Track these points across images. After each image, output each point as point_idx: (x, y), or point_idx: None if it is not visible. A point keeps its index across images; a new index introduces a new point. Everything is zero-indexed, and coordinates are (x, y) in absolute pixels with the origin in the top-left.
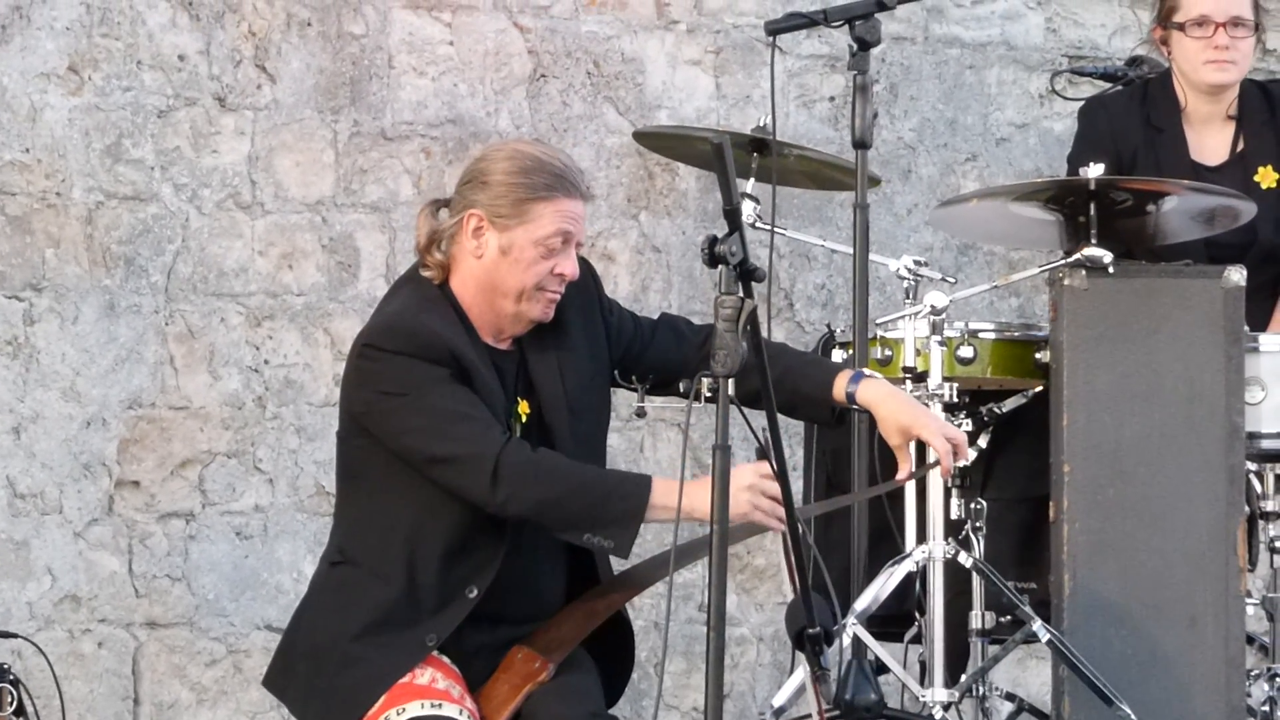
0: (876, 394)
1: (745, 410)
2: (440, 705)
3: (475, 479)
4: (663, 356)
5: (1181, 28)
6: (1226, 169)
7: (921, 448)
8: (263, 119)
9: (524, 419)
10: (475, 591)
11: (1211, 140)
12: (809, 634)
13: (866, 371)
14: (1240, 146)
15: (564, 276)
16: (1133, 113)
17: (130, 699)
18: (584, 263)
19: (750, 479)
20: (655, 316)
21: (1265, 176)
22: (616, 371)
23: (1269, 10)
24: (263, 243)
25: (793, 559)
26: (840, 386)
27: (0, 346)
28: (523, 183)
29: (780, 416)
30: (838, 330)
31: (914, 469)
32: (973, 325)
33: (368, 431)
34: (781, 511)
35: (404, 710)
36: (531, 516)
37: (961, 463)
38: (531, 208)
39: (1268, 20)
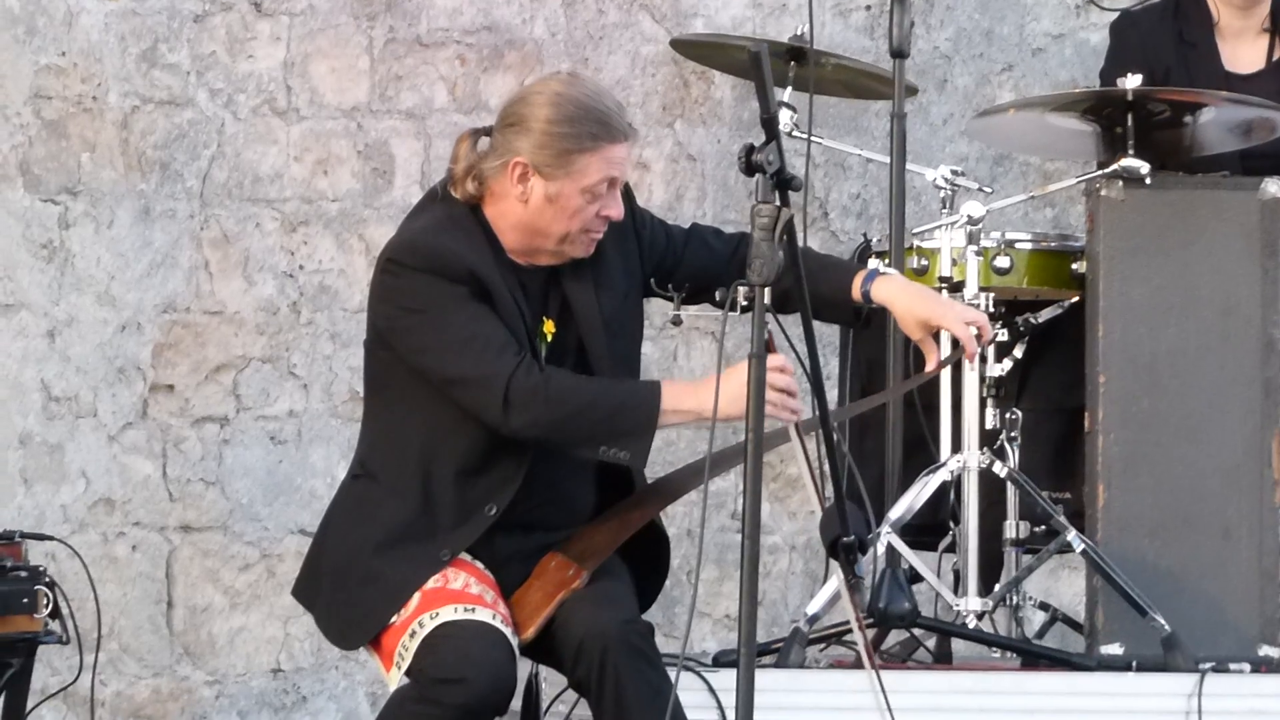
0: (891, 290)
1: (777, 313)
2: (473, 610)
3: (486, 402)
4: (695, 268)
5: None
6: (1262, 78)
7: (953, 342)
8: (298, 24)
9: (549, 338)
10: (495, 509)
11: (1245, 51)
12: (843, 543)
13: (882, 269)
14: (1277, 55)
15: (609, 218)
16: (1165, 28)
17: (164, 602)
18: None
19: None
20: (687, 226)
21: None
22: (652, 281)
23: None
24: (298, 149)
25: (815, 470)
26: (856, 285)
27: (36, 250)
28: (568, 133)
29: (819, 327)
30: (873, 240)
31: (940, 359)
32: (1009, 235)
33: (391, 345)
34: (793, 403)
35: (437, 614)
36: (544, 438)
37: (988, 339)
38: (578, 159)
39: None
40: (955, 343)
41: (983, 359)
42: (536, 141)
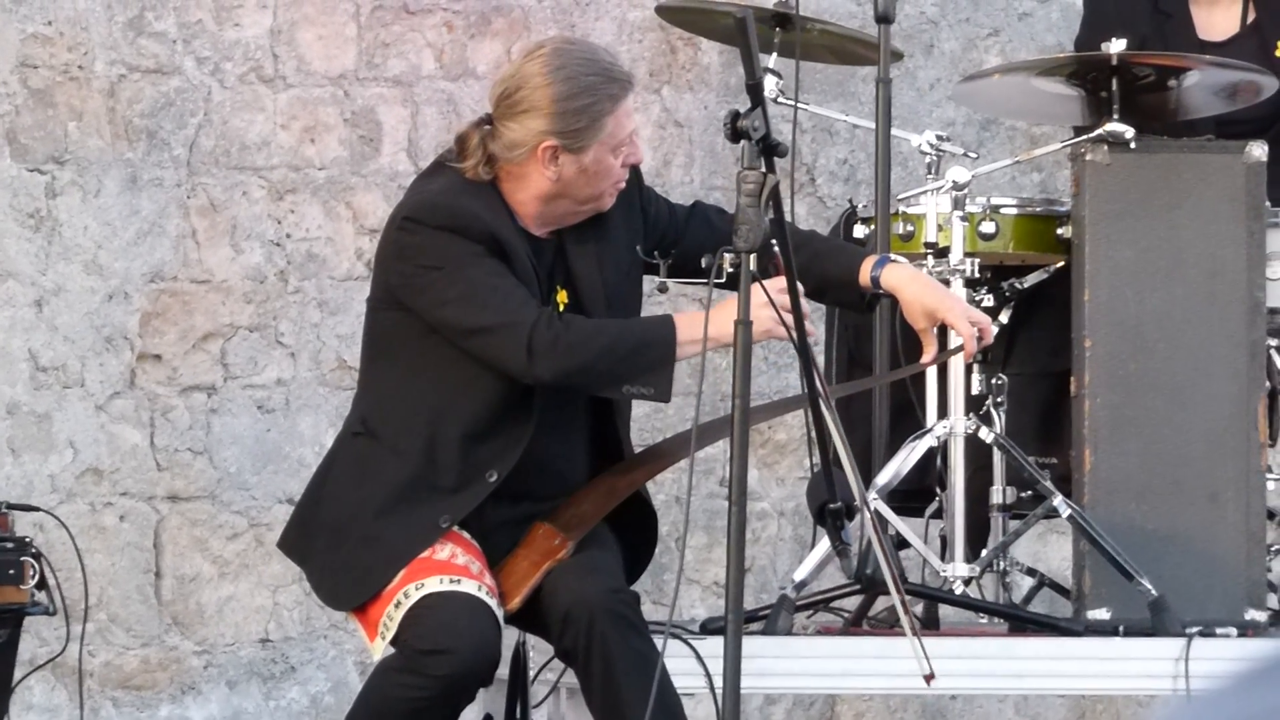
0: (901, 278)
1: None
2: (459, 581)
3: (511, 351)
4: (695, 245)
5: None
6: (1238, 42)
7: (945, 330)
8: None
9: (562, 307)
10: (495, 476)
11: (1219, 17)
12: (830, 509)
13: (891, 256)
14: (1251, 17)
15: (634, 165)
16: None
17: (152, 572)
18: None
19: (768, 296)
20: (679, 196)
21: None
22: (638, 249)
23: None
24: (285, 116)
25: (828, 432)
26: (865, 271)
27: (23, 219)
28: (587, 104)
29: (806, 300)
30: (859, 205)
31: (938, 352)
32: (995, 200)
33: (402, 305)
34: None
35: (422, 585)
36: (567, 384)
37: (988, 341)
38: (604, 123)
39: None
40: (944, 339)
41: None
42: (558, 121)
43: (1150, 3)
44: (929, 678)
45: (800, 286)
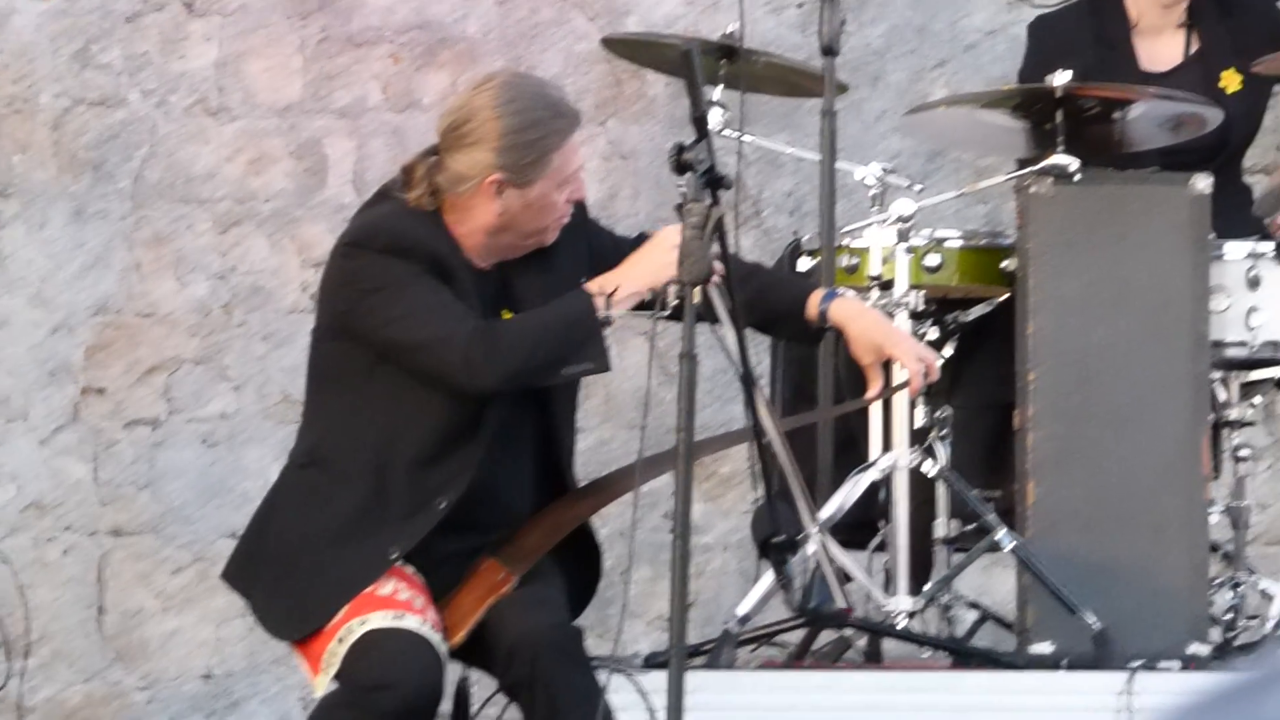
0: (849, 312)
1: (713, 321)
2: (402, 616)
3: (450, 365)
4: None
5: None
6: (1181, 72)
7: (890, 364)
8: (231, 24)
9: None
10: (445, 503)
11: (1163, 47)
12: (774, 543)
13: (839, 290)
14: (1194, 48)
15: (577, 200)
16: (1082, 29)
17: (95, 607)
18: None
19: (676, 237)
20: (625, 227)
21: (1229, 80)
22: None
23: None
24: (230, 149)
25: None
26: (813, 304)
27: None
28: (535, 138)
29: (752, 332)
30: (804, 238)
31: (883, 388)
32: (939, 233)
33: (348, 332)
34: (715, 264)
35: (366, 620)
36: (511, 387)
37: (933, 379)
38: (551, 159)
39: None
40: (889, 375)
41: None
42: (506, 155)
43: (1093, 33)
44: (848, 611)
45: (745, 319)
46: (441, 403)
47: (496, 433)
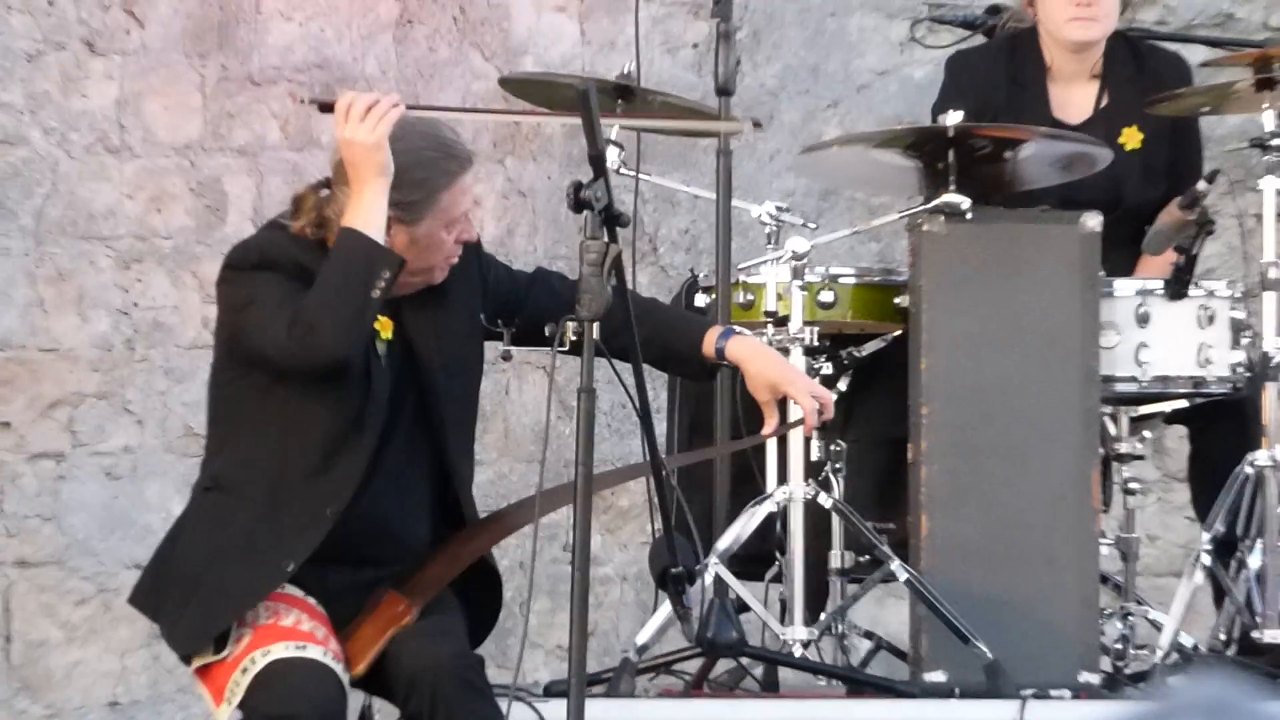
0: (746, 350)
1: (611, 357)
2: (305, 647)
3: (289, 353)
4: (538, 312)
5: None
6: (1088, 126)
7: (786, 401)
8: (131, 63)
9: (388, 337)
10: (332, 509)
11: (1075, 97)
12: (672, 573)
13: (736, 328)
14: (1104, 103)
15: (466, 241)
16: (997, 68)
17: (2, 638)
18: None
19: (359, 104)
20: (524, 264)
21: (1129, 138)
22: (482, 317)
23: None
24: (131, 186)
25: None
26: (710, 342)
27: None
28: (424, 177)
29: (649, 368)
30: (701, 274)
31: (779, 424)
32: (833, 270)
33: (235, 357)
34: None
35: (269, 651)
36: (346, 343)
37: (828, 416)
38: (439, 199)
39: None
40: (784, 411)
41: None
42: (394, 192)
43: (1008, 75)
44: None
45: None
46: (324, 418)
47: (391, 465)
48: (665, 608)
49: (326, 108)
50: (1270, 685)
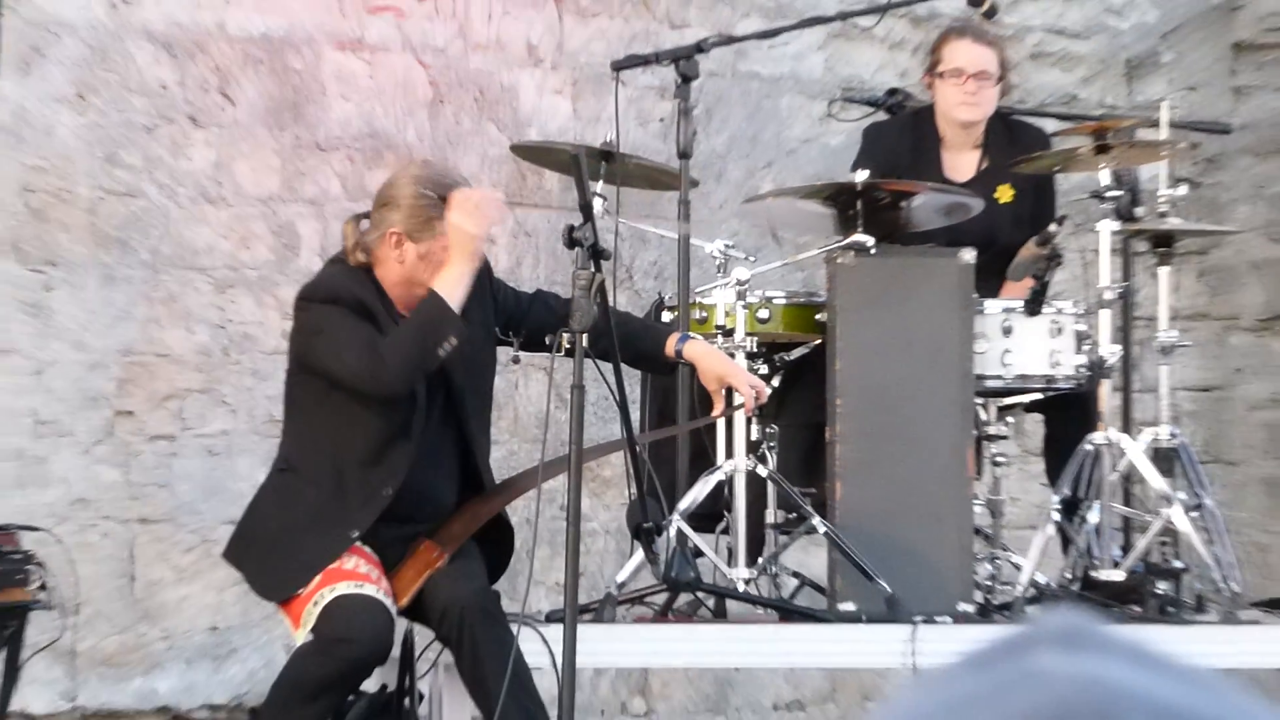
0: (698, 351)
1: (596, 359)
2: (362, 585)
3: (359, 378)
4: (537, 324)
5: (942, 76)
6: (972, 184)
7: (731, 391)
8: (225, 133)
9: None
10: (389, 491)
11: (962, 162)
12: (644, 528)
13: (690, 334)
14: (984, 165)
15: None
16: (903, 138)
17: (128, 577)
18: None
19: (473, 198)
20: (528, 288)
21: (1003, 193)
22: (496, 330)
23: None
24: (225, 229)
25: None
26: (670, 345)
27: (25, 308)
28: (430, 203)
29: (626, 367)
30: (666, 297)
31: (725, 408)
32: (769, 293)
33: (305, 369)
34: (498, 209)
35: (334, 589)
36: (407, 380)
37: (763, 400)
38: (439, 223)
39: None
40: (730, 398)
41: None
42: (406, 214)
43: (911, 143)
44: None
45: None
46: (375, 416)
47: (426, 444)
48: (639, 554)
49: (444, 198)
50: (1105, 613)
